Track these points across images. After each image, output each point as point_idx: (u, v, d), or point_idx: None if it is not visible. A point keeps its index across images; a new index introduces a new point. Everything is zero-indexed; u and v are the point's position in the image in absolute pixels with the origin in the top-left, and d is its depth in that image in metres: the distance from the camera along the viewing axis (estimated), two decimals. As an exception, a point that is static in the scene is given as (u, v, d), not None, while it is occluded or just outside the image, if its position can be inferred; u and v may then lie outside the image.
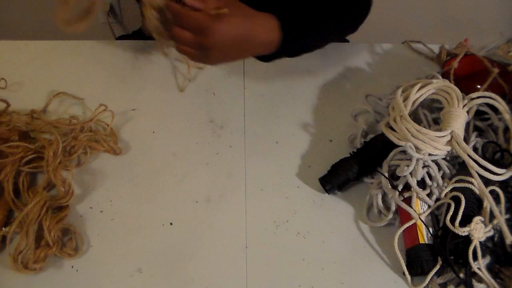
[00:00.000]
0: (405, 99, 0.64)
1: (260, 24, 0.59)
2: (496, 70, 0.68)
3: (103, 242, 0.59)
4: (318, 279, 0.57)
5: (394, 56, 0.82)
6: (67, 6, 0.58)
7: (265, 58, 0.65)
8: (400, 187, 0.60)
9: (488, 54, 0.76)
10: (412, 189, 0.59)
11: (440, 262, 0.55)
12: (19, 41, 0.81)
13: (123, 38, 0.94)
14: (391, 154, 0.62)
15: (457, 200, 0.57)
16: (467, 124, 0.63)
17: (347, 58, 0.80)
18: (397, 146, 0.61)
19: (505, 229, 0.56)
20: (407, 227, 0.58)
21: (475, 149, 0.62)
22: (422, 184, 0.60)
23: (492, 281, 0.54)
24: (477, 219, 0.55)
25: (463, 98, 0.63)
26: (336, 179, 0.63)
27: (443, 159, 0.61)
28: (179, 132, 0.70)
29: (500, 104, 0.62)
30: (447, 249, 0.55)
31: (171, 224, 0.61)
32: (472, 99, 0.63)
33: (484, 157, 0.59)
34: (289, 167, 0.67)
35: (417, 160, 0.59)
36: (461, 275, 0.55)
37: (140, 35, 0.93)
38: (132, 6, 1.48)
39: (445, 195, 0.59)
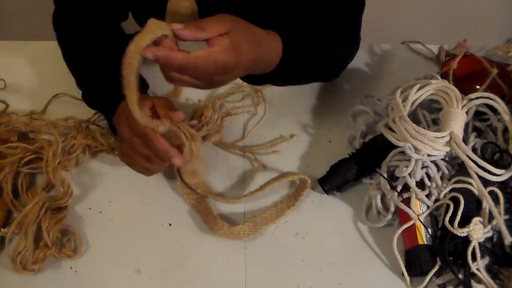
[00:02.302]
0: (404, 99, 0.64)
1: (269, 45, 0.55)
2: (495, 71, 0.68)
3: (102, 243, 0.59)
4: (317, 280, 0.57)
5: (393, 57, 0.82)
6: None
7: (256, 80, 0.60)
8: (399, 188, 0.60)
9: (487, 55, 0.76)
10: (411, 189, 0.59)
11: (439, 262, 0.55)
12: (18, 42, 0.81)
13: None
14: (390, 155, 0.62)
15: (456, 201, 0.57)
16: (466, 124, 0.63)
17: (346, 59, 0.80)
18: (396, 146, 0.61)
19: (504, 229, 0.55)
20: (406, 228, 0.58)
21: (474, 150, 0.62)
22: (421, 184, 0.60)
23: (491, 281, 0.54)
24: (476, 219, 0.55)
25: (462, 99, 0.62)
26: (335, 180, 0.63)
27: (442, 159, 0.61)
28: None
29: (499, 104, 0.62)
30: (446, 250, 0.55)
31: (170, 224, 0.61)
32: (471, 99, 0.63)
33: (483, 157, 0.59)
34: (288, 168, 0.67)
35: (416, 160, 0.59)
36: (460, 275, 0.55)
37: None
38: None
39: (444, 196, 0.59)
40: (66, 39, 0.71)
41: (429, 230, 0.57)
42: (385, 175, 0.61)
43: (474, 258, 0.54)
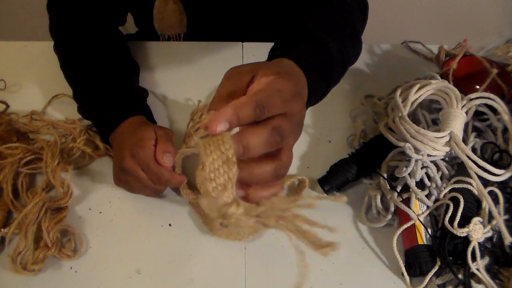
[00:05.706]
0: (404, 99, 0.64)
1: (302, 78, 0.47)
2: (495, 71, 0.68)
3: (102, 243, 0.59)
4: (317, 280, 0.57)
5: (393, 57, 0.82)
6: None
7: None
8: (398, 188, 0.60)
9: (487, 55, 0.76)
10: (410, 190, 0.59)
11: (438, 263, 0.55)
12: (18, 42, 0.81)
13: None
14: (390, 155, 0.62)
15: (456, 201, 0.57)
16: (466, 124, 0.63)
17: (346, 59, 0.80)
18: (396, 147, 0.61)
19: (504, 229, 0.55)
20: (406, 228, 0.58)
21: (474, 150, 0.62)
22: (421, 185, 0.60)
23: (491, 281, 0.54)
24: (476, 220, 0.55)
25: (462, 99, 0.62)
26: (335, 180, 0.63)
27: (442, 160, 0.61)
28: (179, 134, 0.70)
29: (499, 104, 0.62)
30: (445, 250, 0.55)
31: (170, 225, 0.61)
32: (471, 99, 0.63)
33: (483, 157, 0.59)
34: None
35: (416, 161, 0.59)
36: (460, 276, 0.55)
37: (141, 36, 0.93)
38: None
39: (444, 196, 0.59)
40: (63, 50, 0.71)
41: (429, 230, 0.57)
42: (385, 175, 0.61)
43: (474, 258, 0.54)
